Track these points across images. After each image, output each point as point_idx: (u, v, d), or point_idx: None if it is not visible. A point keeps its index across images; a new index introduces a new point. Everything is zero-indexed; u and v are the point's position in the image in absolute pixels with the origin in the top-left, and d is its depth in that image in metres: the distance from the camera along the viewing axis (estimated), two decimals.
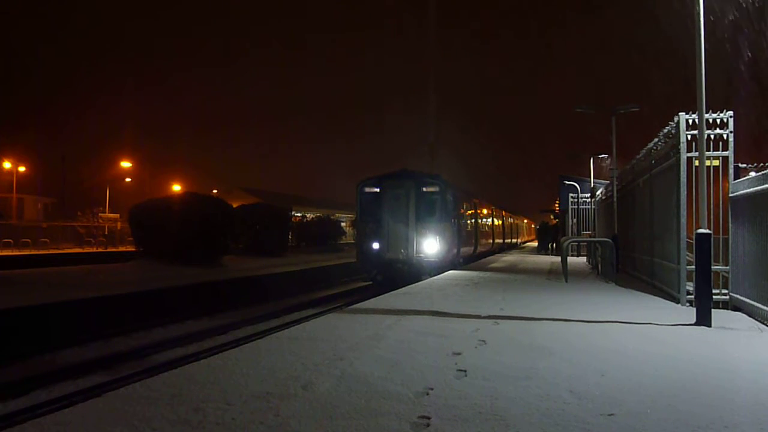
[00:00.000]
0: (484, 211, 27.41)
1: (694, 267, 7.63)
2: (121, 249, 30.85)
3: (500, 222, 34.56)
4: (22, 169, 49.80)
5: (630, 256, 14.54)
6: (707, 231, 7.34)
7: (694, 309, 7.30)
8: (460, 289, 11.60)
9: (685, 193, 8.79)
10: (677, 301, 9.07)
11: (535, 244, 40.08)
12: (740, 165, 9.06)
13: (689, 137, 8.75)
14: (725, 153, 8.74)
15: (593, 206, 24.69)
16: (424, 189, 17.54)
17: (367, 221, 17.70)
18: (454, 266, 18.26)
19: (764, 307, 7.23)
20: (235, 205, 21.58)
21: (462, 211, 20.70)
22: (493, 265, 20.44)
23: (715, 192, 8.59)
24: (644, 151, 11.98)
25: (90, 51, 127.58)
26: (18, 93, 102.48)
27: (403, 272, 16.85)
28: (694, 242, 7.57)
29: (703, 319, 7.05)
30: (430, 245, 17.13)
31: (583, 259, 23.99)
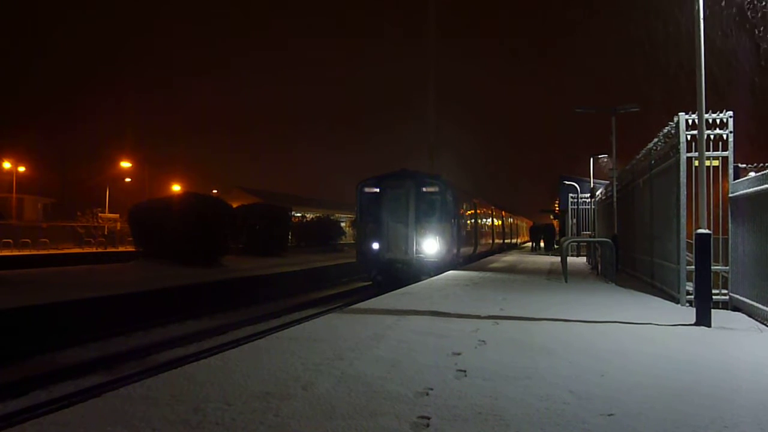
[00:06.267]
0: (484, 211, 27.40)
1: (693, 267, 7.63)
2: (121, 249, 30.87)
3: (500, 222, 34.58)
4: (22, 169, 49.81)
5: (630, 256, 14.55)
6: (707, 231, 7.35)
7: (694, 309, 7.31)
8: (460, 289, 11.60)
9: (685, 193, 8.80)
10: (677, 301, 9.07)
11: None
12: (740, 165, 9.07)
13: (689, 137, 8.75)
14: (725, 153, 8.74)
15: (593, 206, 24.70)
16: (424, 189, 17.54)
17: (366, 221, 17.70)
18: (454, 266, 18.26)
19: (764, 307, 7.23)
20: (234, 205, 21.59)
21: (462, 211, 20.70)
22: (493, 265, 20.44)
23: (714, 192, 8.59)
24: (644, 151, 11.99)
25: (90, 51, 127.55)
26: (18, 93, 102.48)
27: (403, 272, 16.85)
28: (693, 242, 7.57)
29: (703, 320, 7.06)
30: (430, 245, 17.13)
31: (583, 259, 24.00)
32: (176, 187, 53.06)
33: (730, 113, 8.66)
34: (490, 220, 29.73)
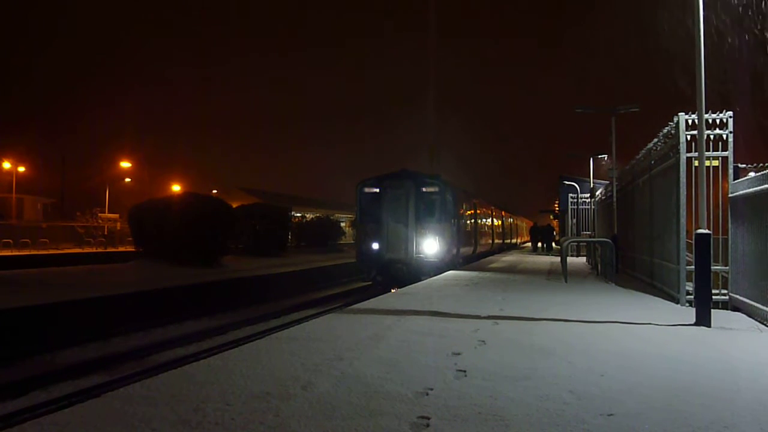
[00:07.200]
0: (484, 212, 27.40)
1: (693, 267, 7.63)
2: (121, 249, 30.83)
3: (500, 222, 34.57)
4: (21, 169, 49.77)
5: (629, 256, 14.54)
6: (707, 231, 7.35)
7: (694, 309, 7.31)
8: (460, 289, 11.60)
9: (685, 193, 8.80)
10: (677, 301, 9.07)
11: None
12: (740, 165, 9.06)
13: (689, 137, 8.76)
14: (725, 153, 8.74)
15: (593, 206, 24.70)
16: (424, 189, 17.54)
17: (366, 221, 17.70)
18: (453, 266, 18.26)
19: (764, 307, 7.23)
20: (234, 205, 21.57)
21: (462, 211, 20.70)
22: (493, 265, 20.44)
23: (714, 192, 8.60)
24: (644, 151, 11.99)
25: (90, 51, 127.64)
26: (18, 93, 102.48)
27: (402, 272, 16.85)
28: (693, 242, 7.57)
29: (703, 320, 7.06)
30: (430, 245, 17.13)
31: (583, 259, 23.99)
32: (176, 187, 52.95)
33: (730, 113, 8.66)
34: (489, 220, 29.72)
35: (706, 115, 7.79)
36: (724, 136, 8.72)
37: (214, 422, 3.46)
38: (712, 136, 8.66)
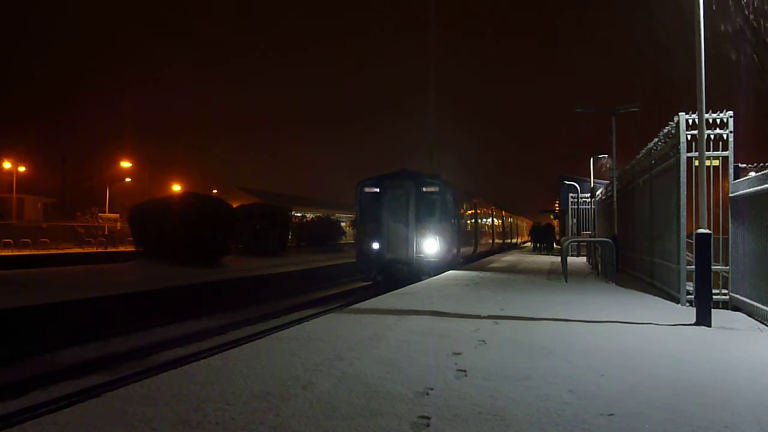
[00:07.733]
0: (484, 211, 27.39)
1: (694, 267, 7.63)
2: (121, 249, 30.84)
3: (500, 222, 34.56)
4: (22, 169, 49.79)
5: (630, 256, 14.54)
6: (707, 231, 7.34)
7: (694, 309, 7.31)
8: (460, 289, 11.59)
9: (685, 193, 8.80)
10: (677, 301, 9.07)
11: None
12: (740, 165, 9.06)
13: (689, 137, 8.75)
14: (725, 153, 8.74)
15: (593, 206, 24.71)
16: (424, 189, 17.54)
17: (366, 221, 17.69)
18: (454, 266, 18.26)
19: (764, 307, 7.23)
20: (235, 205, 21.59)
21: (462, 211, 20.69)
22: (493, 265, 20.43)
23: (715, 192, 8.59)
24: (644, 151, 11.99)
25: (90, 51, 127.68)
26: (18, 93, 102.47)
27: (403, 272, 16.84)
28: (694, 242, 7.57)
29: (703, 319, 7.06)
30: (430, 245, 17.13)
31: (583, 259, 23.99)
32: (176, 187, 52.94)
33: (731, 113, 8.66)
34: (490, 220, 29.71)
35: (706, 115, 7.79)
36: (725, 136, 8.71)
37: (215, 422, 3.46)
38: (712, 136, 8.66)
